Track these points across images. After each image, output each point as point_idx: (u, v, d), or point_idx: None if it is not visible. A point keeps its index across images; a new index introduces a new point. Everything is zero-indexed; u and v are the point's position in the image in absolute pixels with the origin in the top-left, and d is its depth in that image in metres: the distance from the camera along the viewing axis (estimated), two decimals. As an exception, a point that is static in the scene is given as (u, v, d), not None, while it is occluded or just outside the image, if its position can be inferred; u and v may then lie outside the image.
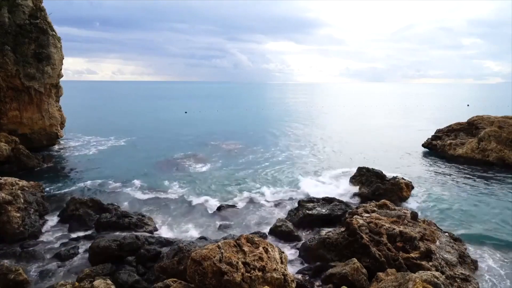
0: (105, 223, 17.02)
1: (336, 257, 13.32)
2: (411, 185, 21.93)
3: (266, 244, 11.21)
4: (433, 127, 40.81)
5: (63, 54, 33.22)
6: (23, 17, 30.09)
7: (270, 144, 40.06)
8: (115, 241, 14.22)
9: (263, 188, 23.85)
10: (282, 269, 10.63)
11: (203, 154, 33.91)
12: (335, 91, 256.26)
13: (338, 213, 18.09)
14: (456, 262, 12.75)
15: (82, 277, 12.23)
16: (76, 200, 18.92)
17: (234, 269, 9.91)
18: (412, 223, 14.56)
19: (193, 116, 69.65)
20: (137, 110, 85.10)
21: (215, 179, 25.96)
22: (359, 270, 11.75)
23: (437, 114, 74.53)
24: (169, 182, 25.04)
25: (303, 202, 19.47)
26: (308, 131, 50.94)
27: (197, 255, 10.17)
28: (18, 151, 27.54)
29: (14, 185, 17.85)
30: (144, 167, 29.12)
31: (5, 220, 15.75)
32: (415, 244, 12.84)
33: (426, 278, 9.81)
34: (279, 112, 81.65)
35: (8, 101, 30.06)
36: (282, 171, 28.33)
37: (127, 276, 12.43)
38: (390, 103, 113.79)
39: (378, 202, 16.98)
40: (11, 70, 29.09)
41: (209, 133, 47.12)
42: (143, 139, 42.15)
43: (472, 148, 30.43)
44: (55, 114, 33.27)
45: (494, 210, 19.90)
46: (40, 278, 12.97)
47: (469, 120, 34.79)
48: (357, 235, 13.23)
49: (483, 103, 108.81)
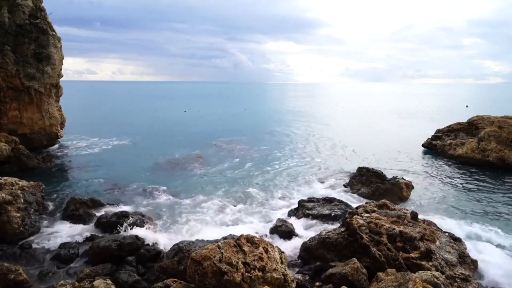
0: (105, 223, 17.03)
1: (336, 257, 13.32)
2: (411, 185, 21.94)
3: (266, 244, 11.21)
4: (433, 127, 40.82)
5: (63, 54, 33.21)
6: (23, 17, 30.08)
7: (270, 144, 40.06)
8: (115, 241, 14.23)
9: (263, 188, 23.90)
10: (282, 269, 10.63)
11: (203, 154, 33.92)
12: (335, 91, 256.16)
13: (338, 213, 18.13)
14: (456, 262, 12.75)
15: (82, 277, 12.23)
16: (76, 200, 18.95)
17: (234, 269, 9.91)
18: (412, 223, 14.55)
19: (193, 116, 69.63)
20: (137, 110, 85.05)
21: (215, 178, 25.97)
22: (359, 270, 11.75)
23: (437, 114, 74.53)
24: (169, 181, 25.04)
25: (303, 202, 19.50)
26: (308, 131, 50.94)
27: (197, 255, 10.17)
28: (18, 151, 27.53)
29: (14, 185, 17.86)
30: (144, 167, 29.14)
31: (5, 220, 15.75)
32: (415, 244, 12.84)
33: (426, 278, 9.81)
34: (279, 112, 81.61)
35: (8, 101, 30.05)
36: (282, 171, 28.34)
37: (127, 276, 12.44)
38: (390, 103, 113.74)
39: (378, 202, 16.97)
40: (11, 70, 29.08)
41: (209, 133, 47.12)
42: (143, 139, 42.15)
43: (472, 148, 30.43)
44: (55, 114, 33.27)
45: (494, 210, 19.93)
46: (40, 278, 12.96)
47: (469, 120, 34.79)
48: (357, 235, 13.23)
49: (483, 103, 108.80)
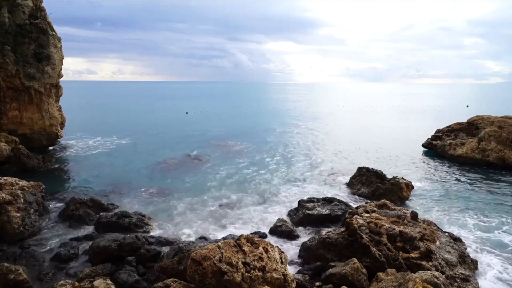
0: (105, 223, 17.03)
1: (336, 257, 13.32)
2: (411, 185, 21.94)
3: (266, 244, 11.21)
4: (433, 127, 40.81)
5: (63, 54, 33.19)
6: (23, 17, 30.06)
7: (270, 144, 40.08)
8: (115, 241, 14.23)
9: (263, 188, 23.90)
10: (282, 269, 10.64)
11: (203, 154, 33.93)
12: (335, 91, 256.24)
13: (338, 213, 18.13)
14: (456, 262, 12.75)
15: (82, 277, 12.24)
16: (76, 200, 18.95)
17: (234, 269, 9.91)
18: (412, 223, 14.56)
19: (193, 116, 69.65)
20: (137, 110, 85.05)
21: (216, 178, 25.97)
22: (359, 270, 11.75)
23: (437, 114, 74.55)
24: (168, 181, 25.06)
25: (303, 202, 19.50)
26: (308, 131, 50.96)
27: (197, 255, 10.17)
28: (18, 151, 27.53)
29: (14, 185, 17.87)
30: (144, 167, 29.16)
31: (5, 220, 15.75)
32: (415, 244, 12.84)
33: (426, 278, 9.82)
34: (280, 112, 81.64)
35: (8, 101, 30.03)
36: (282, 171, 28.34)
37: (127, 276, 12.44)
38: (390, 103, 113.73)
39: (378, 202, 16.99)
40: (11, 70, 29.06)
41: (210, 133, 47.16)
42: (144, 139, 42.16)
43: (472, 148, 30.43)
44: (55, 114, 33.25)
45: (494, 210, 19.92)
46: (40, 278, 12.95)
47: (469, 120, 34.78)
48: (357, 235, 13.23)
49: (483, 103, 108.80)
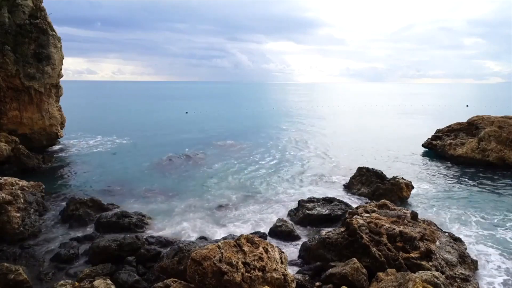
0: (105, 223, 17.02)
1: (336, 257, 13.31)
2: (411, 185, 21.93)
3: (266, 244, 11.21)
4: (433, 127, 40.79)
5: (63, 54, 33.20)
6: (23, 17, 30.06)
7: (270, 144, 40.07)
8: (115, 241, 14.22)
9: (263, 188, 23.90)
10: (282, 269, 10.64)
11: (203, 154, 33.94)
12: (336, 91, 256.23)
13: (338, 213, 18.12)
14: (456, 262, 12.75)
15: (82, 277, 12.23)
16: (76, 200, 18.93)
17: (234, 269, 9.91)
18: (412, 223, 14.56)
19: (193, 116, 69.66)
20: (137, 110, 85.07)
21: (216, 178, 25.96)
22: (359, 270, 11.74)
23: (437, 114, 74.53)
24: (169, 181, 25.06)
25: (303, 202, 19.49)
26: (308, 131, 50.94)
27: (197, 255, 10.17)
28: (18, 151, 27.51)
29: (14, 185, 17.86)
30: (145, 166, 29.15)
31: (5, 220, 15.74)
32: (415, 244, 12.84)
33: (426, 278, 9.82)
34: (280, 112, 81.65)
35: (8, 101, 30.02)
36: (282, 171, 28.34)
37: (127, 276, 12.44)
38: (390, 103, 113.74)
39: (378, 202, 16.99)
40: (11, 70, 29.06)
41: (210, 133, 47.15)
42: (144, 139, 42.16)
43: (472, 148, 30.42)
44: (55, 114, 33.25)
45: (494, 210, 19.91)
46: (40, 278, 12.95)
47: (469, 120, 34.77)
48: (357, 235, 13.23)
49: (483, 103, 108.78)
